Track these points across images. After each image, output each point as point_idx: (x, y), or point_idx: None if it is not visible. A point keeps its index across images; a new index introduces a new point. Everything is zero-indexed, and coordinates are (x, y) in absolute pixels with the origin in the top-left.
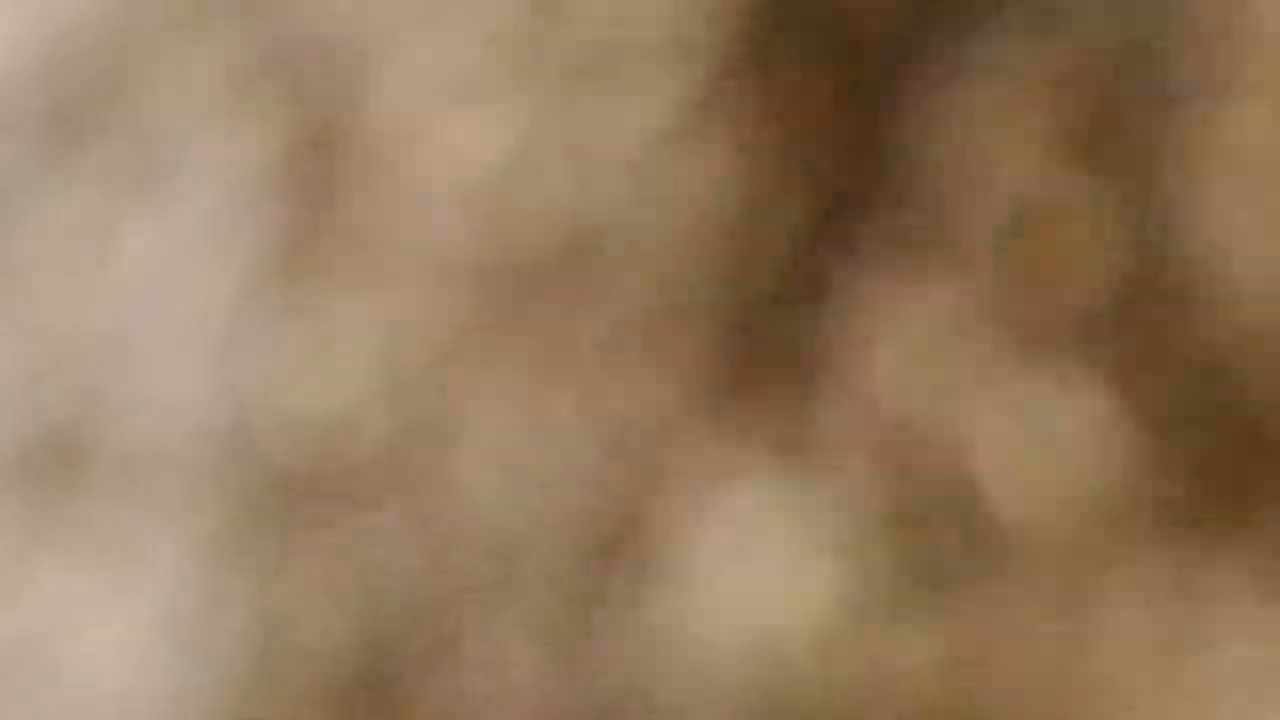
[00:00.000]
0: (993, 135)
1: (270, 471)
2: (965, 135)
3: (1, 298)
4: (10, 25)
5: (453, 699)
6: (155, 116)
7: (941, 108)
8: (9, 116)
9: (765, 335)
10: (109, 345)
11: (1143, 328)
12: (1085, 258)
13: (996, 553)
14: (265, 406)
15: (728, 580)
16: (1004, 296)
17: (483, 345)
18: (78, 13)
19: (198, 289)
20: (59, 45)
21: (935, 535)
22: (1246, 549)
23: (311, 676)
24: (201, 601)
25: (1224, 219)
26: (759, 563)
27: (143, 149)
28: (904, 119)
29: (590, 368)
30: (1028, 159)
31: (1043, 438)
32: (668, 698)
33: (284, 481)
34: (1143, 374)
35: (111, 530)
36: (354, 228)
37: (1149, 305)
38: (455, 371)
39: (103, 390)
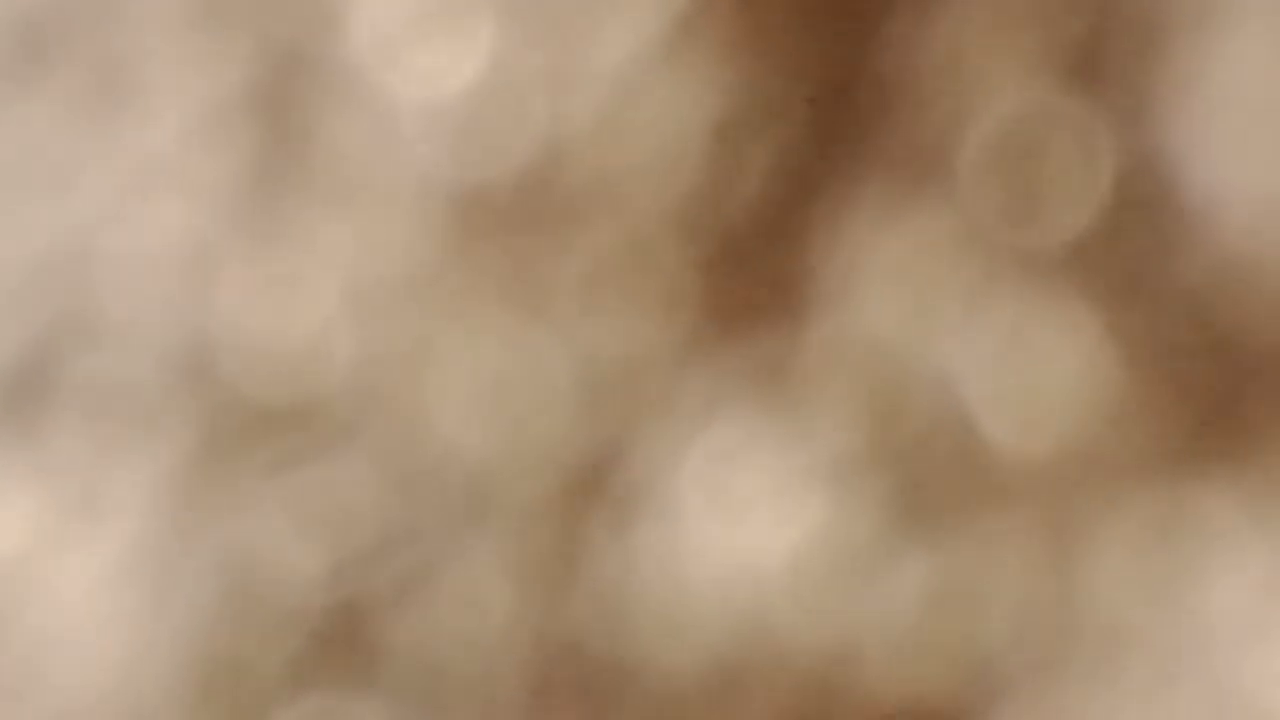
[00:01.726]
0: (982, 58)
1: (238, 401)
2: (954, 57)
3: None
4: None
5: (425, 635)
6: (121, 42)
7: (931, 28)
8: None
9: (747, 264)
10: (72, 273)
11: (1133, 255)
12: (1074, 183)
13: (986, 486)
14: (233, 335)
15: (709, 516)
16: (992, 223)
17: (456, 274)
18: None
19: (164, 215)
20: None
21: (922, 468)
22: (1238, 478)
23: (280, 610)
24: (168, 533)
25: (1215, 146)
26: (741, 498)
27: (109, 75)
28: (891, 40)
29: (567, 297)
30: (1017, 82)
31: (1032, 367)
32: (647, 635)
33: (252, 411)
34: (1133, 301)
35: (75, 462)
36: (325, 153)
37: (1139, 232)
38: (428, 300)
39: (65, 319)
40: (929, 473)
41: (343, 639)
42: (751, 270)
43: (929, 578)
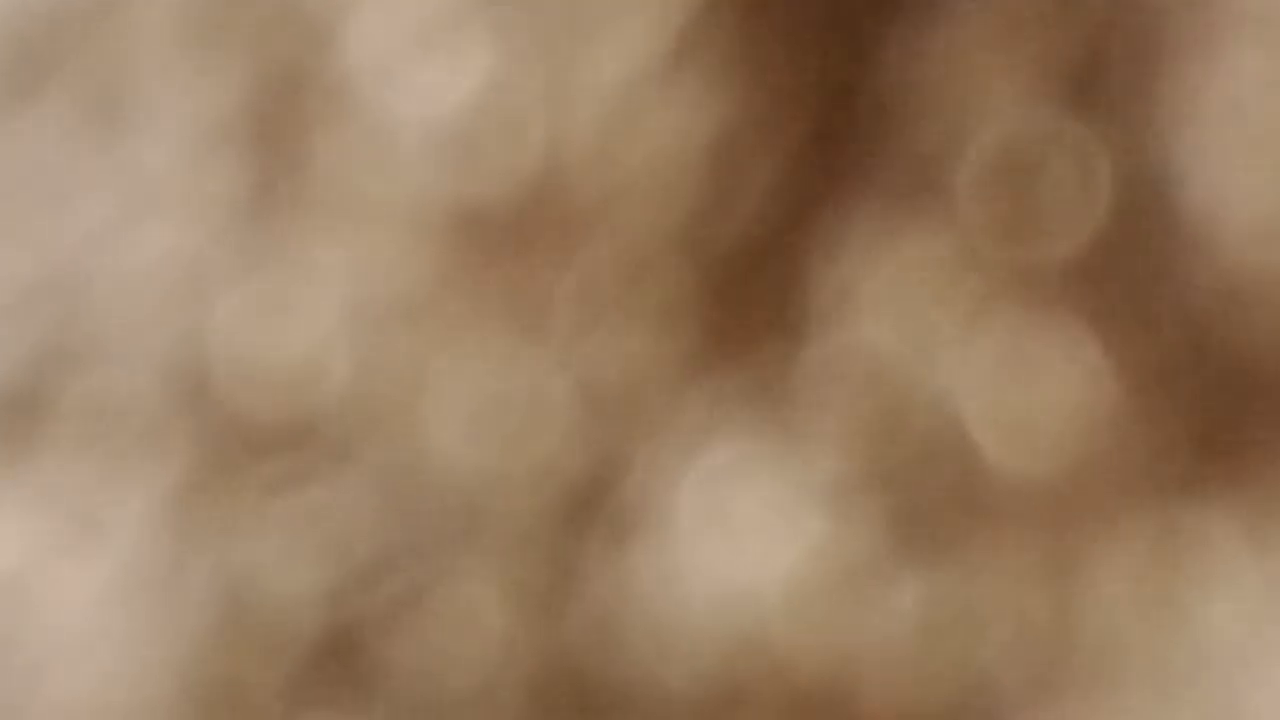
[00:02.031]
0: (980, 76)
1: (233, 422)
2: (951, 75)
3: None
4: None
5: (421, 655)
6: (115, 62)
7: (928, 46)
8: None
9: (745, 283)
10: (67, 294)
11: (1132, 274)
12: (1073, 202)
13: (984, 505)
14: (228, 356)
15: (706, 538)
16: (990, 241)
17: (453, 293)
18: None
19: (159, 236)
20: None
21: (921, 489)
22: (1239, 501)
23: (277, 631)
24: (164, 554)
25: (1216, 164)
26: (738, 518)
27: (103, 95)
28: (889, 58)
29: (564, 317)
30: (1015, 100)
31: (1031, 387)
32: (644, 655)
33: (248, 432)
34: (1132, 321)
35: (71, 483)
36: (321, 172)
37: (1139, 251)
38: (425, 320)
39: (61, 340)
40: (927, 493)
41: (340, 659)
42: (750, 290)
43: (927, 598)
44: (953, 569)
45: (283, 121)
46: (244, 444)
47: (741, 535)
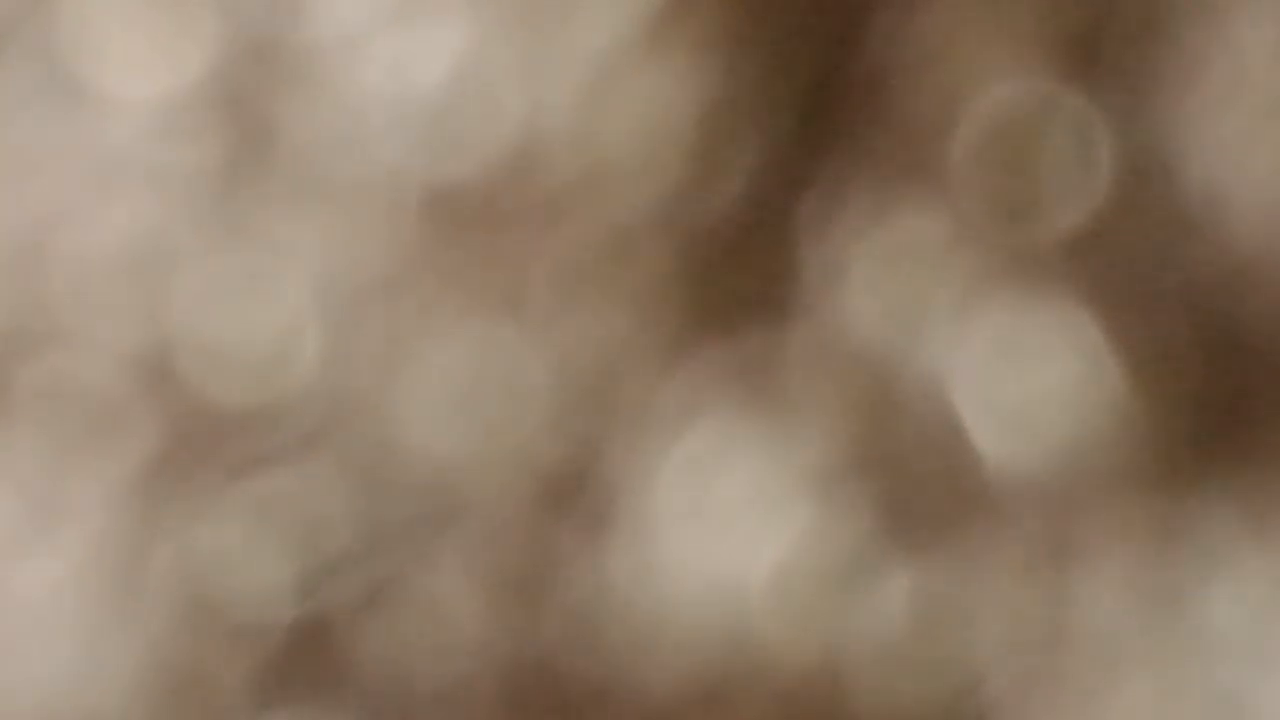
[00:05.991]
0: (974, 46)
1: (200, 405)
2: (946, 46)
3: None
4: None
5: (392, 646)
6: (77, 32)
7: (922, 15)
8: None
9: (729, 262)
10: (29, 273)
11: (1132, 253)
12: (1071, 178)
13: (977, 495)
14: (195, 336)
15: (687, 525)
16: (984, 219)
17: (428, 272)
18: None
19: (123, 212)
20: None
21: (911, 476)
22: (1240, 488)
23: (243, 621)
24: (128, 541)
25: (1219, 141)
26: (721, 507)
27: (63, 67)
28: (881, 27)
29: (542, 297)
30: (1011, 71)
31: (1025, 372)
32: (623, 648)
33: (215, 415)
34: (1131, 302)
35: (33, 466)
36: (289, 147)
37: (1139, 230)
38: (398, 300)
39: (19, 320)
40: (917, 481)
41: (308, 651)
42: (734, 269)
43: (916, 591)
44: (944, 560)
45: (251, 94)
46: (209, 428)
47: (724, 524)
